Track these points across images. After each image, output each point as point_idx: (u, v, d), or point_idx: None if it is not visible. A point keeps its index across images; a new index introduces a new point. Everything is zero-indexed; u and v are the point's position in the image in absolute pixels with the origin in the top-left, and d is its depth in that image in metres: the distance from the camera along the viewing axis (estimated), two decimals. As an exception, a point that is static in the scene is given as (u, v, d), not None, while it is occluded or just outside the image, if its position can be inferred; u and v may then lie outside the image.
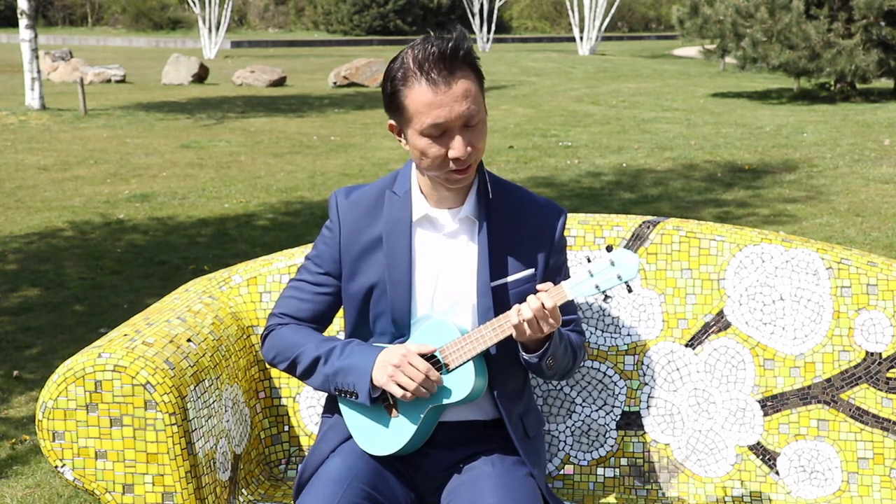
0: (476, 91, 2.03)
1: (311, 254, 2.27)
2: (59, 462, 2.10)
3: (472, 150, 2.04)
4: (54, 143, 12.14)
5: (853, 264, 2.46)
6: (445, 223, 2.16)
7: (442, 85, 1.99)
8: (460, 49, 2.01)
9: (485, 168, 2.20)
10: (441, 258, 2.16)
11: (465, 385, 2.07)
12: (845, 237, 6.98)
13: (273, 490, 2.44)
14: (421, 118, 2.01)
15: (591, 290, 1.98)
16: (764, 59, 16.00)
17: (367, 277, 2.17)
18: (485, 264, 2.13)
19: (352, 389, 2.11)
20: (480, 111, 2.05)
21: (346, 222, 2.20)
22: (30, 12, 14.88)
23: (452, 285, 2.15)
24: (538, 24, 53.96)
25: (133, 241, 7.15)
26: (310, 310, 2.24)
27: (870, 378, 2.44)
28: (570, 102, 17.13)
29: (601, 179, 9.50)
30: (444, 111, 2.00)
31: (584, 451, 2.52)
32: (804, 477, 2.45)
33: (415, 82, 2.00)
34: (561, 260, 2.23)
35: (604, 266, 1.97)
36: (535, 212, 2.20)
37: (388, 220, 2.17)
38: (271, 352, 2.24)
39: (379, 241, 2.17)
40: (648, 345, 2.51)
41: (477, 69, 2.06)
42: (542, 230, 2.18)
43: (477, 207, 2.15)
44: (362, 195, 2.22)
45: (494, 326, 2.04)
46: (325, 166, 10.47)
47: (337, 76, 21.11)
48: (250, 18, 53.05)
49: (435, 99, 1.99)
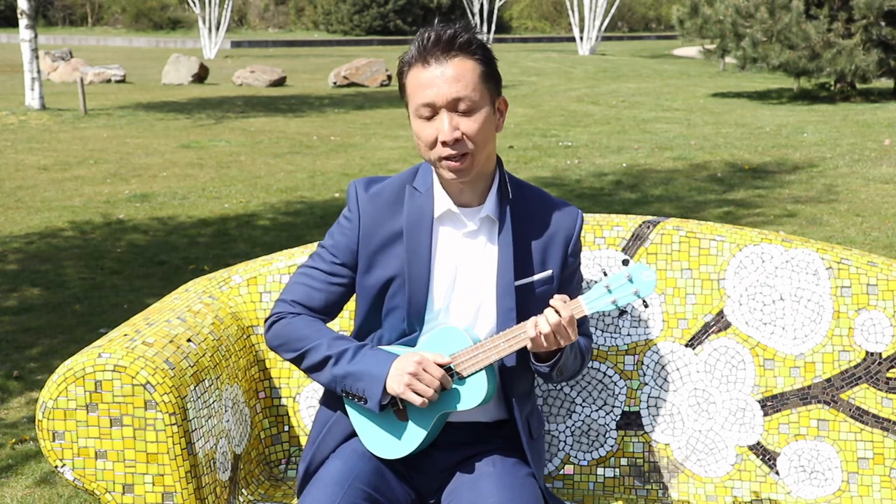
0: (473, 79, 2.05)
1: (325, 242, 2.25)
2: (59, 462, 2.10)
3: (462, 138, 2.05)
4: (54, 143, 12.14)
5: (853, 264, 2.46)
6: (466, 221, 2.16)
7: (433, 65, 2.04)
8: (459, 35, 2.04)
9: (504, 168, 2.20)
10: (460, 256, 2.16)
11: (478, 393, 2.07)
12: (845, 237, 6.98)
13: (273, 490, 2.44)
14: (415, 99, 2.06)
15: (608, 306, 1.99)
16: (764, 59, 16.01)
17: (385, 271, 2.16)
18: (508, 264, 2.13)
19: (361, 395, 2.10)
20: (477, 100, 2.05)
21: (365, 213, 2.19)
22: (30, 12, 14.88)
23: (470, 284, 2.15)
24: (538, 24, 53.95)
25: (133, 241, 7.15)
26: (322, 299, 2.22)
27: (870, 378, 2.44)
28: (570, 102, 17.13)
29: (601, 179, 9.50)
30: (432, 91, 2.03)
31: (584, 451, 2.52)
32: (804, 477, 2.45)
33: (414, 64, 2.06)
34: (577, 262, 2.24)
35: (621, 282, 1.98)
36: (552, 213, 2.21)
37: (410, 215, 2.16)
38: (277, 339, 2.22)
39: (399, 235, 2.16)
40: (648, 345, 2.51)
41: (481, 59, 2.07)
42: (560, 231, 2.19)
43: (497, 207, 2.16)
44: (383, 188, 2.21)
45: (509, 337, 2.05)
46: (325, 166, 10.47)
47: (337, 76, 21.11)
48: (250, 18, 53.04)
49: (425, 78, 2.04)
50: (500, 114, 2.14)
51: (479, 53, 2.07)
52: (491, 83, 2.09)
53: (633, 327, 2.52)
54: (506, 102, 2.16)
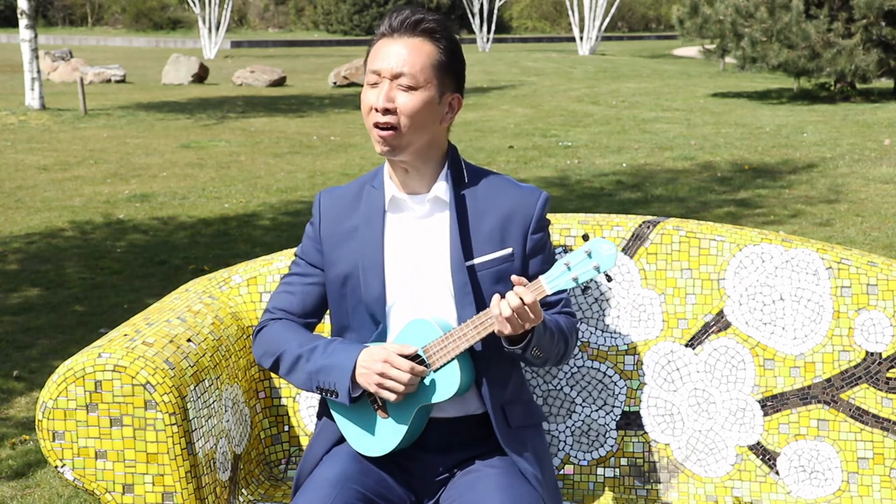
0: (424, 62, 2.09)
1: (298, 250, 2.33)
2: (59, 462, 2.10)
3: (393, 109, 2.08)
4: (54, 143, 12.14)
5: (853, 264, 2.46)
6: (415, 206, 2.18)
7: (389, 38, 2.11)
8: (426, 21, 2.10)
9: (461, 157, 2.23)
10: (413, 242, 2.17)
11: (452, 382, 2.07)
12: (845, 237, 6.98)
13: (273, 490, 2.44)
14: (368, 65, 2.15)
15: (569, 283, 1.97)
16: (764, 59, 16.00)
17: (342, 266, 2.20)
18: (456, 242, 2.13)
19: (332, 388, 2.11)
20: (420, 82, 2.09)
21: (325, 216, 2.25)
22: (30, 12, 14.88)
23: (426, 268, 2.15)
24: (538, 24, 53.95)
25: (133, 241, 7.15)
26: (299, 302, 2.26)
27: (870, 378, 2.44)
28: (570, 102, 17.13)
29: (601, 179, 9.50)
30: (384, 61, 2.10)
31: (584, 451, 2.52)
32: (804, 477, 2.45)
33: (381, 37, 2.14)
34: (542, 241, 2.20)
35: (580, 258, 1.95)
36: (512, 193, 2.20)
37: (365, 211, 2.20)
38: (259, 349, 2.26)
39: (355, 230, 2.20)
40: (648, 345, 2.51)
41: (443, 49, 2.11)
42: (518, 210, 2.18)
43: (451, 190, 2.17)
44: (345, 191, 2.28)
45: (476, 324, 2.04)
46: (325, 166, 10.47)
47: (337, 76, 21.11)
48: (250, 18, 53.05)
49: (383, 49, 2.11)
50: (449, 108, 2.15)
51: (442, 43, 2.11)
52: (446, 76, 2.12)
53: (633, 327, 2.52)
54: (460, 103, 2.18)
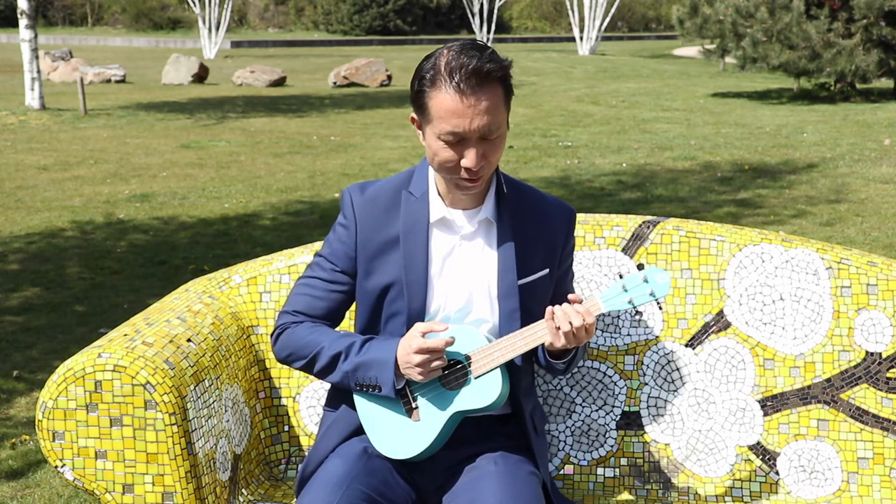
0: (500, 106, 2.05)
1: (323, 251, 2.26)
2: (59, 462, 2.10)
3: (486, 163, 2.06)
4: (54, 143, 12.14)
5: (853, 264, 2.46)
6: (462, 225, 2.18)
7: (467, 97, 2.00)
8: (494, 71, 2.01)
9: (499, 169, 2.21)
10: (458, 260, 2.17)
11: (491, 393, 2.08)
12: (845, 237, 6.98)
13: (273, 490, 2.44)
14: (441, 123, 2.02)
15: (623, 305, 2.04)
16: (764, 59, 16.00)
17: (383, 277, 2.18)
18: (510, 265, 2.15)
19: (374, 383, 2.11)
20: (501, 126, 2.06)
21: (362, 219, 2.19)
22: (30, 12, 14.87)
23: (469, 287, 2.16)
24: (538, 24, 53.94)
25: (133, 241, 7.15)
26: (324, 307, 2.24)
27: (870, 378, 2.44)
28: (570, 102, 17.13)
29: (601, 179, 9.50)
30: (465, 122, 2.01)
31: (584, 451, 2.52)
32: (804, 477, 2.45)
33: (442, 86, 2.01)
34: (570, 260, 2.28)
35: (637, 283, 2.03)
36: (547, 212, 2.23)
37: (406, 221, 2.17)
38: (285, 350, 2.23)
39: (396, 241, 2.17)
40: (648, 345, 2.51)
41: (508, 85, 2.07)
42: (554, 230, 2.22)
43: (495, 209, 2.17)
44: (378, 192, 2.21)
45: (525, 335, 2.06)
46: (325, 166, 10.47)
47: (337, 76, 21.10)
48: (250, 18, 53.04)
49: (457, 108, 2.00)
50: None
51: (504, 79, 2.06)
52: (509, 95, 2.09)
53: (633, 327, 2.52)
54: None
